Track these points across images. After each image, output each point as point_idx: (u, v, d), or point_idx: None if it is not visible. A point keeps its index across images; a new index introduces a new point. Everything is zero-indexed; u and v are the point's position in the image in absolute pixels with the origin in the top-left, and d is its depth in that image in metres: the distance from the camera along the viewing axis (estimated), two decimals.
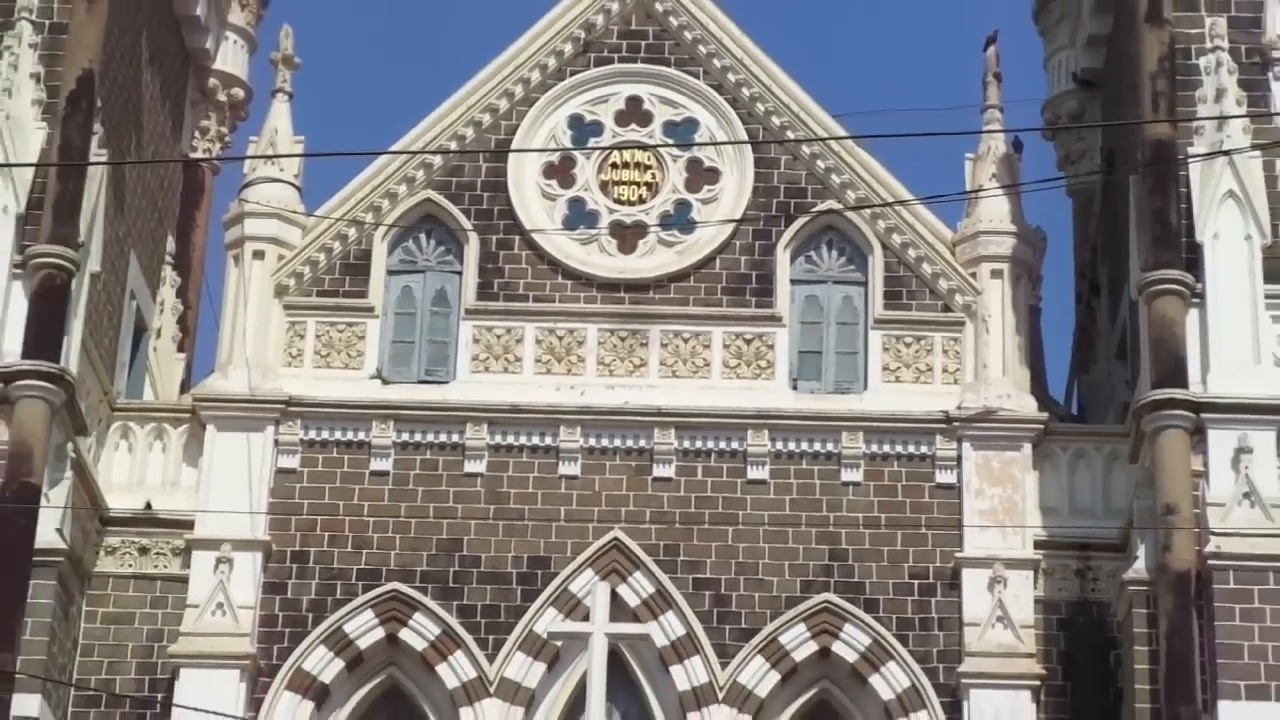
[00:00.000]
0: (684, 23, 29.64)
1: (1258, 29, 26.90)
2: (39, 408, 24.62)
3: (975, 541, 26.65)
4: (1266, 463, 24.40)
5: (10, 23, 26.72)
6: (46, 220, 25.50)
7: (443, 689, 26.49)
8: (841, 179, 28.72)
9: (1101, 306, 30.94)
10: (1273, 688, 23.29)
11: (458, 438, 27.56)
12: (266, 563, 26.87)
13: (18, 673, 23.62)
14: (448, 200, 28.87)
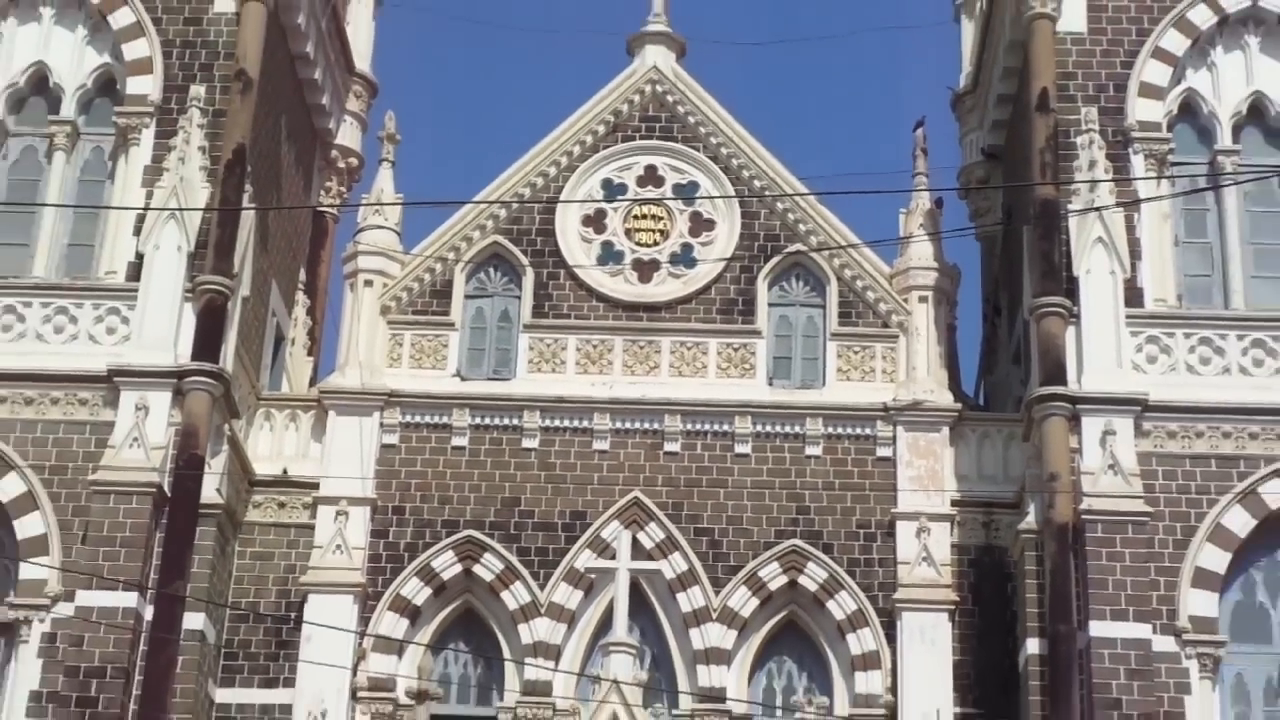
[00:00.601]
0: (688, 110, 29.86)
1: (1121, 115, 27.08)
2: (203, 398, 24.85)
3: (906, 501, 26.82)
4: (1126, 442, 24.65)
5: (185, 108, 26.83)
6: (210, 257, 25.77)
7: (505, 610, 26.65)
8: (806, 227, 28.87)
9: (1002, 324, 31.15)
10: (1130, 611, 23.62)
11: (517, 421, 27.68)
12: (373, 515, 27.03)
13: (188, 596, 23.90)
14: (510, 242, 29.01)
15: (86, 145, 28.06)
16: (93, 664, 23.51)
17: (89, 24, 28.39)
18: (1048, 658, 24.02)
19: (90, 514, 24.50)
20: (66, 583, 24.13)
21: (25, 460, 25.02)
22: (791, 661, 27.14)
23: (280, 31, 29.15)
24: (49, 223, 27.21)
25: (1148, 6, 28.00)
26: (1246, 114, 27.81)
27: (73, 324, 26.21)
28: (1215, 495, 24.82)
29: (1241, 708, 24.47)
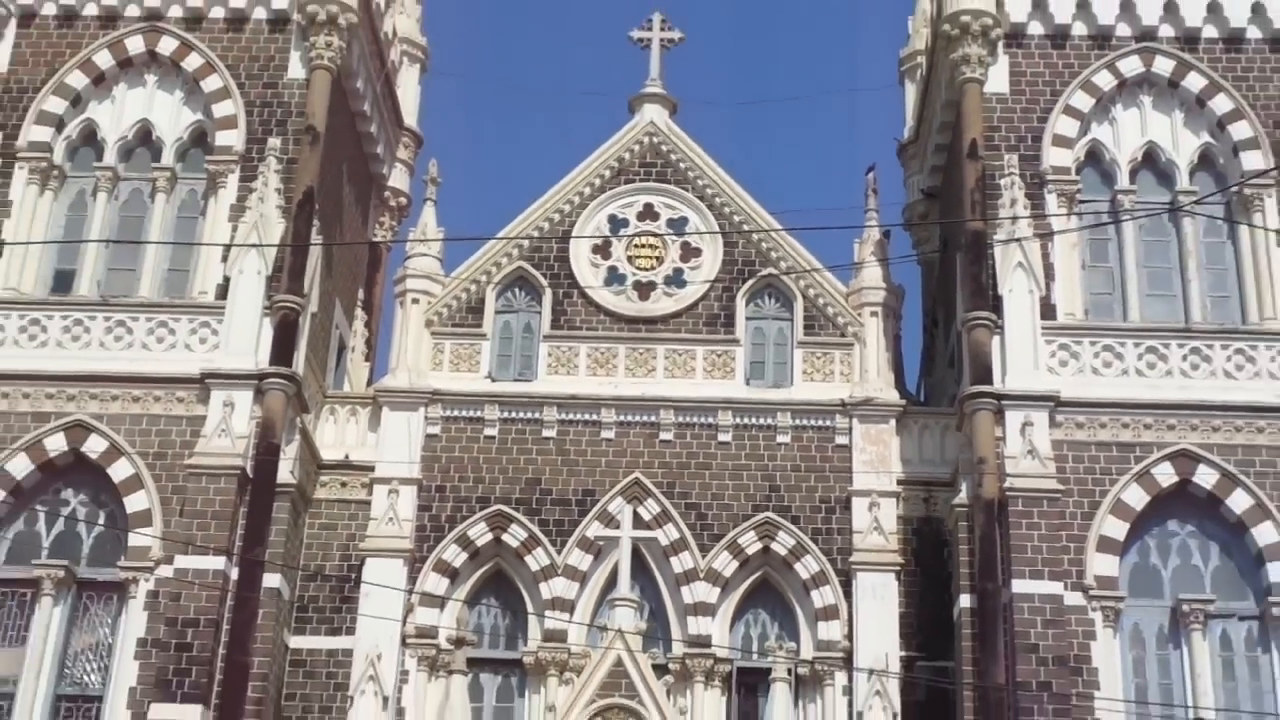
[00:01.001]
0: (679, 157, 29.90)
1: (1037, 161, 27.20)
2: (279, 396, 25.17)
3: (860, 480, 26.79)
4: (1041, 432, 24.90)
5: (263, 157, 26.99)
6: (284, 280, 26.05)
7: (528, 571, 26.69)
8: (777, 254, 28.93)
9: (939, 334, 31.19)
10: (1045, 571, 23.86)
11: (538, 415, 27.69)
12: (419, 492, 27.01)
13: (266, 560, 24.25)
14: (532, 267, 29.02)
15: (183, 188, 28.15)
16: (188, 616, 23.75)
17: (185, 88, 28.52)
18: (977, 610, 24.13)
19: (186, 492, 24.72)
20: (167, 550, 24.39)
21: (133, 448, 25.18)
22: (765, 613, 27.09)
23: (342, 93, 29.28)
24: (152, 251, 27.29)
25: (1059, 72, 28.14)
26: (1141, 160, 27.88)
27: (171, 335, 26.36)
28: (1116, 476, 24.95)
29: (1138, 651, 24.47)
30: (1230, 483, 24.80)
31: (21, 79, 28.13)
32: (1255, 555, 24.59)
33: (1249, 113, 27.50)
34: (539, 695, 25.97)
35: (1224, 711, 23.83)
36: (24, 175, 27.51)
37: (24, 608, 24.71)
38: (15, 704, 23.93)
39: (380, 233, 33.71)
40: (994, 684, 23.34)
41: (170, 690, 23.28)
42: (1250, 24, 28.09)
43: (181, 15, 28.63)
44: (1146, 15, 28.21)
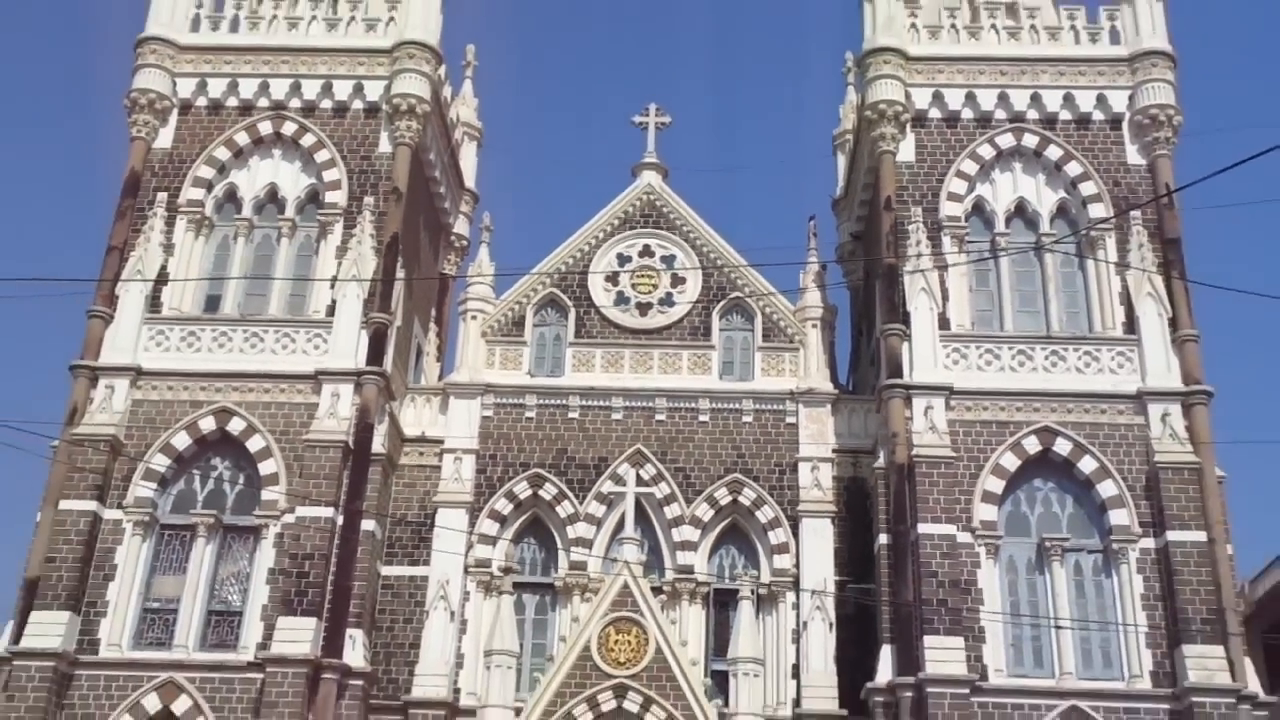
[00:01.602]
0: (670, 210, 29.81)
1: (936, 212, 27.21)
2: (373, 388, 25.54)
3: (804, 450, 26.97)
4: (939, 413, 25.10)
5: (360, 211, 27.18)
6: (376, 302, 26.28)
7: (558, 518, 26.84)
8: (742, 282, 28.94)
9: (864, 341, 31.06)
10: (943, 517, 24.14)
11: (564, 401, 27.78)
12: (477, 459, 27.16)
13: (364, 510, 24.76)
14: (560, 292, 29.00)
15: (301, 233, 28.10)
16: (305, 551, 24.13)
17: (302, 159, 28.50)
18: (892, 546, 24.56)
19: (304, 460, 24.97)
20: (290, 502, 24.74)
21: (265, 427, 25.47)
22: (734, 548, 27.25)
23: (419, 163, 29.32)
24: (278, 282, 27.44)
25: (952, 145, 27.97)
26: (1013, 210, 27.82)
27: (292, 343, 26.48)
28: (995, 446, 25.03)
29: (1012, 576, 24.62)
30: (1080, 450, 24.93)
31: (181, 153, 28.16)
32: (1099, 505, 24.74)
33: (1094, 175, 27.47)
34: (566, 610, 26.05)
35: (1076, 621, 23.98)
36: (183, 225, 27.62)
37: (184, 545, 25.06)
38: (179, 617, 24.36)
39: (447, 266, 33.71)
40: (904, 601, 23.75)
41: (292, 607, 23.66)
42: (1095, 109, 27.99)
43: (299, 105, 28.65)
44: (1017, 103, 28.14)
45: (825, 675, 24.83)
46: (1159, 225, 26.74)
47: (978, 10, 29.61)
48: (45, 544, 23.98)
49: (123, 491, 24.92)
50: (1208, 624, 23.11)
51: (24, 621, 23.33)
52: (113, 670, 23.41)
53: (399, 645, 25.78)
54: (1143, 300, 26.03)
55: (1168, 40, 28.24)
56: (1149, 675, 23.28)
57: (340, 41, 29.19)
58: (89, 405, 25.38)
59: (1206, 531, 23.92)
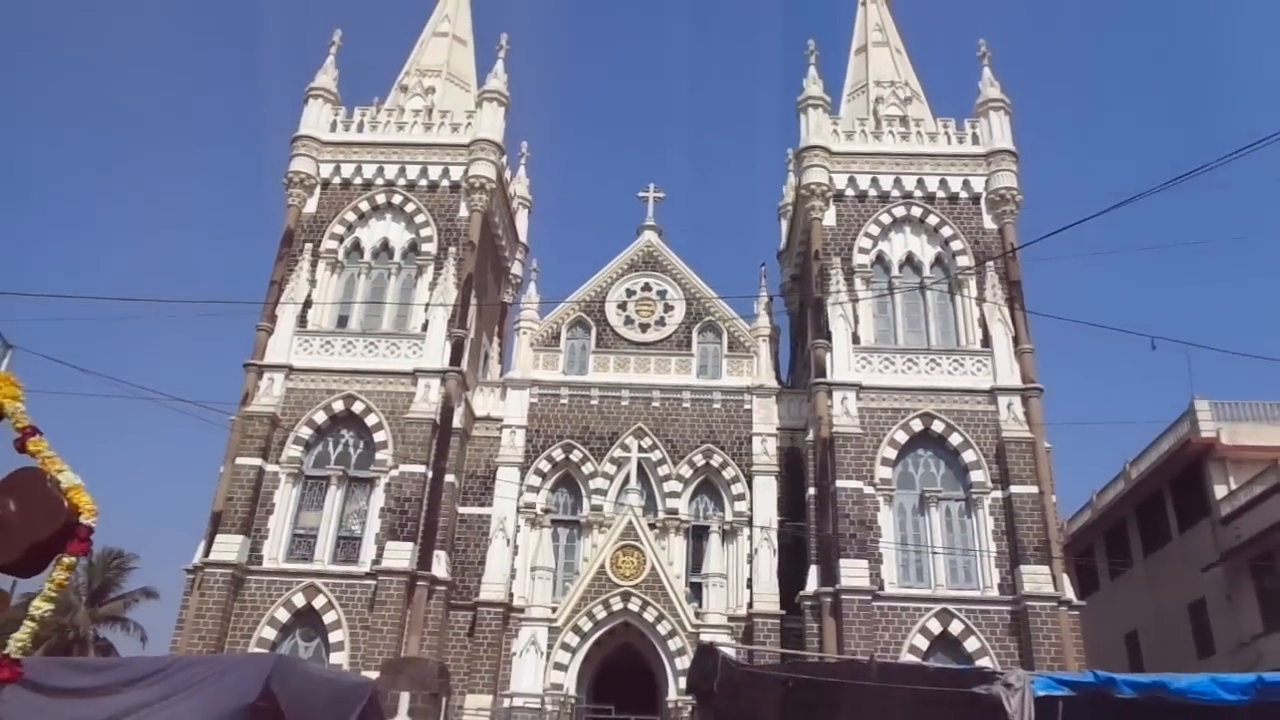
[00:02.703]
0: (663, 258, 29.82)
1: (850, 262, 27.26)
2: (454, 382, 25.83)
3: (757, 428, 27.02)
4: (851, 402, 25.25)
5: (445, 258, 27.24)
6: (456, 321, 26.42)
7: (583, 474, 26.91)
8: (713, 309, 28.91)
9: (799, 351, 30.64)
10: (853, 474, 24.34)
11: (588, 393, 27.74)
12: (526, 433, 27.23)
13: (447, 467, 25.04)
14: (586, 315, 28.97)
15: (404, 273, 27.94)
16: (406, 496, 24.38)
17: (406, 220, 28.24)
18: (818, 496, 24.72)
19: (405, 432, 25.15)
20: (395, 460, 24.94)
21: (378, 408, 25.65)
22: (707, 497, 27.17)
23: (488, 224, 29.15)
24: (388, 307, 27.42)
25: (862, 214, 27.91)
26: (904, 260, 27.79)
27: (398, 350, 26.45)
28: (890, 425, 25.17)
29: (902, 518, 24.62)
30: (950, 429, 25.17)
31: (322, 216, 28.25)
32: (963, 467, 24.97)
33: (960, 236, 27.62)
34: (589, 539, 26.22)
35: (946, 549, 24.28)
36: (322, 266, 27.77)
37: (321, 490, 25.35)
38: (317, 540, 24.72)
39: (506, 297, 33.37)
40: (826, 534, 24.04)
41: (396, 534, 24.09)
42: (961, 190, 28.11)
43: (404, 183, 28.66)
44: (907, 184, 28.21)
45: (770, 586, 24.96)
46: (1005, 272, 26.92)
47: (880, 120, 30.02)
48: (226, 488, 24.45)
49: (279, 452, 25.23)
50: (1038, 551, 23.52)
51: (211, 542, 23.90)
52: (272, 576, 23.93)
53: (471, 562, 25.92)
54: (994, 324, 26.22)
55: (1012, 142, 28.55)
56: (997, 586, 23.63)
57: (433, 138, 29.24)
58: (256, 391, 25.67)
59: (1038, 486, 24.22)
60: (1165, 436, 30.13)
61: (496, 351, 31.36)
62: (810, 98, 29.41)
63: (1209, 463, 28.00)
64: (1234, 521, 26.34)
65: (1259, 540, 25.20)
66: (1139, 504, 32.09)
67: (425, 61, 32.08)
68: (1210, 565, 26.94)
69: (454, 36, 32.80)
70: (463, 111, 30.07)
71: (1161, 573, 30.17)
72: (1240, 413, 28.22)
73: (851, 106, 31.69)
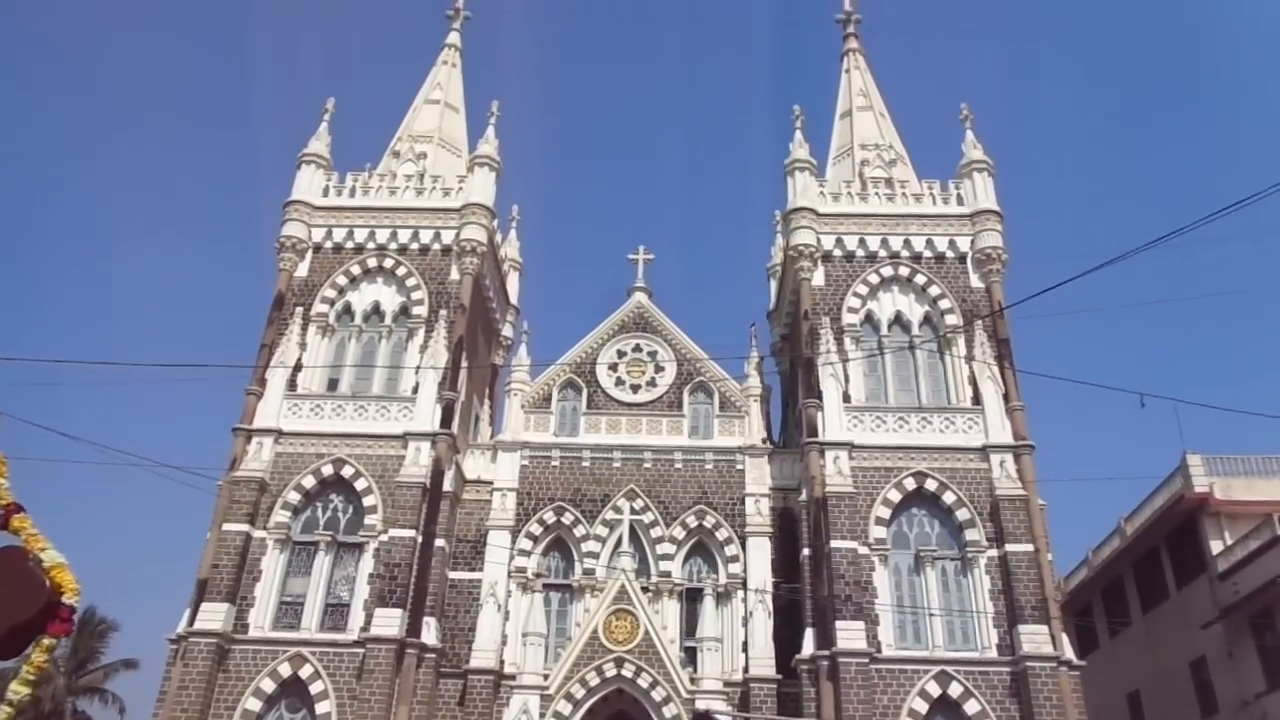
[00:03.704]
0: (653, 319, 29.77)
1: (839, 321, 27.33)
2: (444, 445, 25.60)
3: (749, 488, 26.70)
4: (844, 461, 25.13)
5: (437, 320, 27.27)
6: (447, 384, 26.25)
7: (575, 537, 26.48)
8: (704, 369, 28.72)
9: (790, 410, 30.47)
10: (848, 535, 24.03)
11: (579, 454, 27.43)
12: (517, 495, 26.85)
13: (437, 531, 24.56)
14: (577, 376, 28.79)
15: (395, 335, 27.83)
16: (395, 561, 24.03)
17: (397, 284, 28.49)
18: (812, 556, 24.47)
19: (394, 495, 24.87)
20: (384, 525, 24.63)
21: (368, 471, 25.42)
22: (700, 559, 26.80)
23: (479, 287, 29.31)
24: (379, 371, 27.25)
25: (850, 274, 27.94)
26: (893, 319, 27.88)
27: (388, 412, 26.25)
28: (883, 484, 25.02)
29: (897, 578, 24.35)
30: (944, 487, 25.04)
31: (313, 280, 28.24)
32: (958, 525, 24.80)
33: (948, 295, 27.74)
34: (581, 604, 25.80)
35: (943, 609, 23.98)
36: (313, 329, 27.66)
37: (309, 556, 25.02)
38: (305, 607, 24.24)
39: (497, 359, 33.17)
40: (821, 596, 23.74)
41: (385, 600, 23.67)
42: (948, 249, 28.34)
43: (396, 246, 28.68)
44: (894, 245, 28.45)
45: (766, 650, 24.55)
46: (994, 330, 27.02)
47: (865, 182, 30.32)
48: (212, 554, 24.09)
49: (267, 517, 24.95)
50: (1036, 610, 23.23)
51: (196, 610, 23.44)
52: (258, 645, 23.45)
53: (461, 629, 25.47)
54: (984, 382, 26.25)
55: (996, 202, 28.85)
56: (995, 647, 23.32)
57: (425, 203, 29.37)
58: (245, 456, 25.42)
59: (1033, 544, 24.01)
60: (1159, 492, 30.06)
61: (487, 414, 31.07)
62: (797, 161, 29.79)
63: (1204, 518, 27.91)
64: (1231, 577, 26.17)
65: (1257, 596, 25.03)
66: (1135, 560, 31.87)
67: (418, 127, 32.47)
68: (1209, 622, 26.68)
69: (446, 103, 33.26)
70: (454, 176, 30.30)
71: (1161, 630, 29.84)
72: (1232, 467, 28.22)
73: (838, 169, 32.09)
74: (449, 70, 34.33)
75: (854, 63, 34.72)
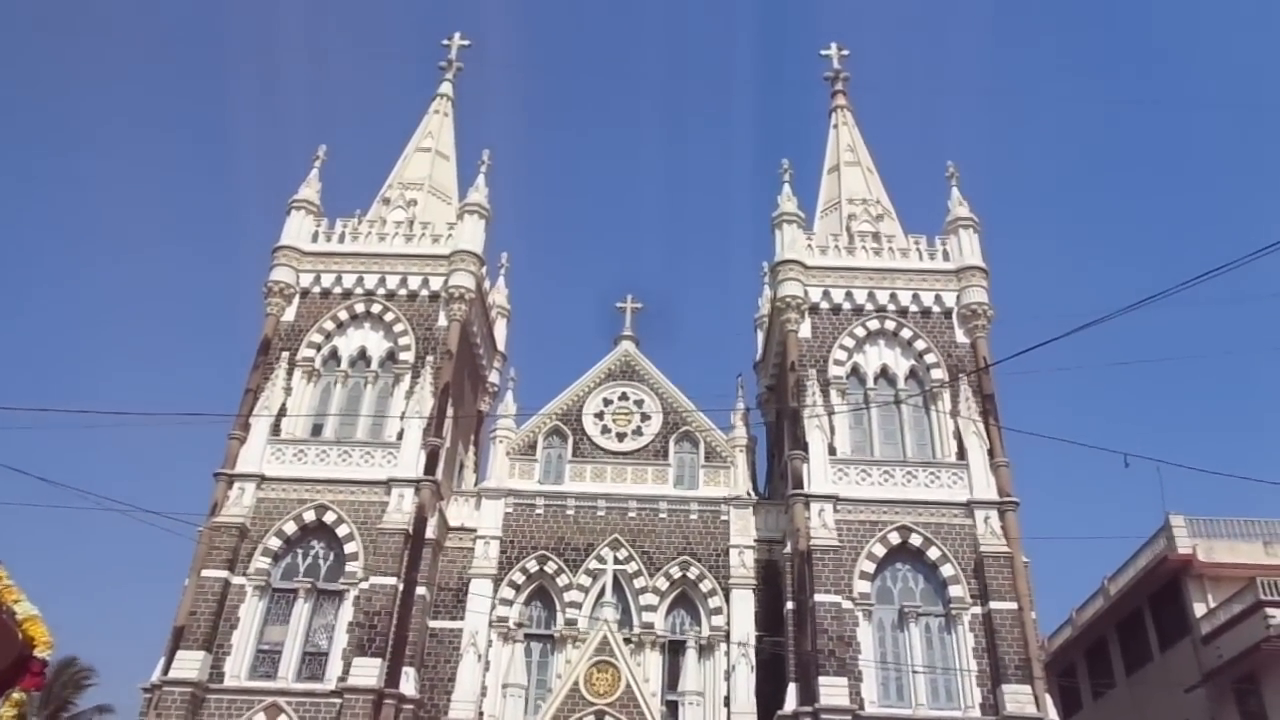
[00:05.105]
0: (640, 368, 29.95)
1: (825, 373, 27.37)
2: (428, 492, 25.42)
3: (734, 539, 26.68)
4: (828, 514, 25.06)
5: (423, 366, 27.30)
6: (432, 430, 26.18)
7: (558, 586, 26.14)
8: (690, 419, 28.85)
9: (776, 462, 30.37)
10: (831, 589, 23.86)
11: (564, 503, 27.41)
12: (500, 544, 26.58)
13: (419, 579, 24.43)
14: (563, 424, 28.85)
15: (381, 381, 27.77)
16: (375, 609, 23.72)
17: (384, 329, 28.50)
18: (795, 610, 24.28)
19: (377, 543, 24.67)
20: (365, 572, 24.39)
21: (350, 518, 25.19)
22: (684, 610, 26.64)
23: (466, 333, 29.30)
24: (364, 419, 27.15)
25: (837, 327, 28.20)
26: (879, 372, 27.99)
27: (372, 459, 26.12)
28: (867, 538, 24.91)
29: (881, 633, 24.16)
30: (928, 542, 25.00)
31: (300, 325, 28.20)
32: (942, 582, 24.68)
33: (934, 349, 27.91)
34: (562, 654, 25.58)
35: (927, 666, 23.84)
36: (298, 374, 27.64)
37: (289, 603, 24.72)
38: (282, 656, 23.94)
39: (483, 405, 33.10)
40: (805, 650, 23.56)
41: (364, 649, 23.37)
42: (934, 304, 28.54)
43: (384, 292, 28.76)
44: (881, 299, 28.60)
45: (748, 704, 24.31)
46: (979, 385, 27.16)
47: (853, 236, 30.69)
48: (190, 602, 23.78)
49: (247, 563, 24.69)
50: (1020, 669, 23.07)
51: (171, 658, 23.09)
52: (234, 695, 23.04)
53: (440, 679, 25.19)
54: (969, 437, 26.32)
55: (982, 259, 29.20)
56: (979, 706, 23.09)
57: (414, 249, 29.50)
58: (226, 501, 25.22)
59: (1017, 602, 23.90)
60: (1142, 552, 30.10)
61: (472, 461, 30.86)
62: (785, 213, 30.16)
63: (1187, 580, 27.92)
64: (1214, 640, 26.13)
65: (1240, 661, 24.98)
66: (1119, 621, 31.78)
67: (408, 175, 32.82)
68: (1193, 686, 26.55)
69: (437, 152, 33.69)
70: (444, 223, 30.53)
71: (1145, 693, 29.66)
72: (1215, 529, 28.32)
73: (825, 222, 32.49)
74: (440, 119, 34.81)
75: (842, 119, 35.40)
